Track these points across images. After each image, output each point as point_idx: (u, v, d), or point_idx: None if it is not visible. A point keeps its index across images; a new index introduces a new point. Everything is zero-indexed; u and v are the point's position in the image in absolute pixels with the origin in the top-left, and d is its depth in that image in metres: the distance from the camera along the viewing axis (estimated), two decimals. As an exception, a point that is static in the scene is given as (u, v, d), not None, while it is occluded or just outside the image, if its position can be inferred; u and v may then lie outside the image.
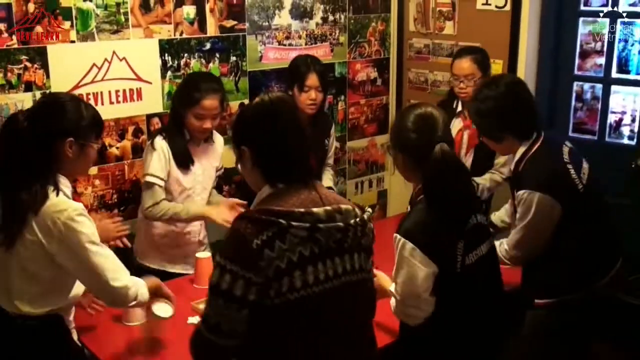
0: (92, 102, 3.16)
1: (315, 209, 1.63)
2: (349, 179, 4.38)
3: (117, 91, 3.24)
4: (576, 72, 3.62)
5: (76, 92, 3.11)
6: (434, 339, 2.08)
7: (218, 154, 3.14)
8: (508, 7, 3.64)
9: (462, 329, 2.08)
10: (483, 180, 3.25)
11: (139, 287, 2.14)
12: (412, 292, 2.03)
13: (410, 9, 4.19)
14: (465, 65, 3.24)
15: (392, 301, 2.15)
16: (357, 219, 1.69)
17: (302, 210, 1.62)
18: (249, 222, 1.60)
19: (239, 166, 1.85)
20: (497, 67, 3.73)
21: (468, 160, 3.33)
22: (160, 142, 2.91)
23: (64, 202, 2.02)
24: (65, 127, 2.06)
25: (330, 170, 3.64)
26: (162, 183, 2.90)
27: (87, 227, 2.03)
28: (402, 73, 4.34)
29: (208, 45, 3.54)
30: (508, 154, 2.61)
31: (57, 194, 2.02)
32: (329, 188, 3.15)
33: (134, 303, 2.13)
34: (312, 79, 3.30)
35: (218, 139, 3.15)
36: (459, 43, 3.93)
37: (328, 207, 1.66)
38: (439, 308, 2.05)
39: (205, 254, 2.82)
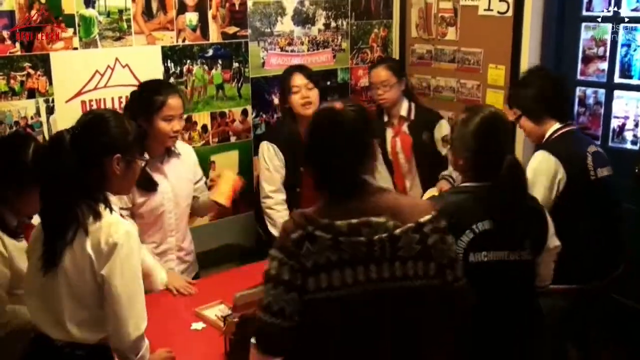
0: (94, 108, 3.17)
1: (338, 222, 1.68)
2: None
3: (120, 98, 3.24)
4: (579, 77, 3.62)
5: (79, 98, 3.13)
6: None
7: (189, 166, 3.01)
8: (510, 13, 3.64)
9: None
10: (451, 170, 3.40)
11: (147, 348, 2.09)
12: None
13: (412, 14, 4.20)
14: (382, 72, 3.53)
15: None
16: (385, 235, 1.69)
17: (326, 221, 1.69)
18: (292, 219, 1.74)
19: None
20: (499, 72, 3.73)
21: (411, 165, 3.60)
22: None
23: (119, 221, 1.99)
24: (113, 143, 2.01)
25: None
26: (126, 212, 2.75)
27: (136, 255, 2.01)
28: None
29: (210, 52, 3.54)
30: (537, 139, 2.85)
31: (111, 212, 2.00)
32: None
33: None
34: (298, 78, 3.28)
35: (185, 149, 3.02)
36: (461, 49, 3.93)
37: (353, 221, 1.69)
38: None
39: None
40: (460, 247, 2.06)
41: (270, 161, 3.31)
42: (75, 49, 3.09)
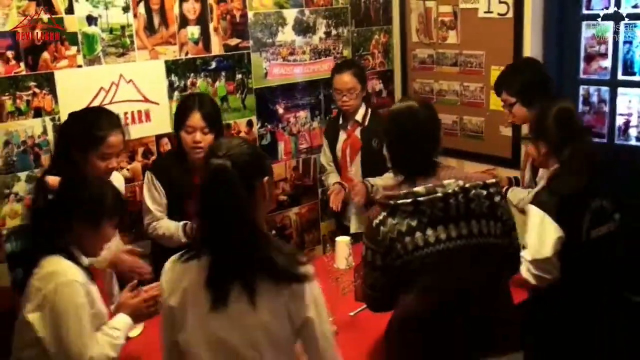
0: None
1: (415, 188, 2.03)
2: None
3: (125, 113, 3.25)
4: (582, 75, 3.62)
5: (85, 116, 3.14)
6: (559, 301, 2.48)
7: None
8: (510, 14, 3.65)
9: (585, 296, 2.48)
10: (377, 180, 3.51)
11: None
12: (541, 256, 2.41)
13: (412, 20, 4.20)
14: (347, 79, 3.52)
15: (523, 264, 2.44)
16: (457, 188, 2.02)
17: (405, 191, 2.03)
18: (375, 207, 2.09)
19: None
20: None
21: (356, 168, 3.64)
22: None
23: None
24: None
25: None
26: None
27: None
28: (407, 84, 4.34)
29: (213, 64, 3.56)
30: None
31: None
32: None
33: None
34: (195, 118, 2.94)
35: (117, 178, 2.89)
36: (463, 52, 3.94)
37: (429, 185, 2.03)
38: (564, 273, 2.42)
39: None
40: (584, 226, 2.44)
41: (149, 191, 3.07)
42: (80, 66, 3.10)
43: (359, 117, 3.61)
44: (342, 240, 3.07)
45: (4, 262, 2.95)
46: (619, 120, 3.53)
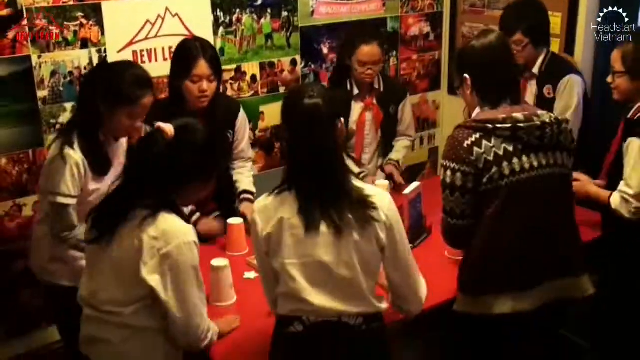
0: (146, 58, 3.19)
1: (514, 114, 2.08)
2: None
3: (170, 47, 3.23)
4: (640, 24, 3.47)
5: (130, 48, 3.15)
6: None
7: (124, 149, 2.59)
8: (569, -42, 3.49)
9: None
10: (397, 155, 3.46)
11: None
12: None
13: (465, -40, 4.06)
14: (376, 51, 3.27)
15: (617, 198, 2.55)
16: (552, 118, 2.12)
17: (504, 116, 2.08)
18: (462, 129, 2.11)
19: (459, 91, 2.28)
20: (555, 20, 3.59)
21: (375, 138, 3.47)
22: (73, 155, 2.35)
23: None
24: None
25: (245, 166, 3.12)
26: (75, 202, 2.41)
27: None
28: (456, 27, 4.23)
29: (260, 1, 3.51)
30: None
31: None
32: (245, 192, 3.02)
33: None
34: (202, 66, 2.77)
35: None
36: (516, -5, 3.80)
37: (526, 112, 2.09)
38: None
39: (236, 220, 2.73)
40: None
41: None
42: (127, -2, 3.10)
43: (376, 84, 3.39)
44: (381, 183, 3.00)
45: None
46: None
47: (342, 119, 1.98)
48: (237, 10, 3.44)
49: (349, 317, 1.89)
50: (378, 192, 1.95)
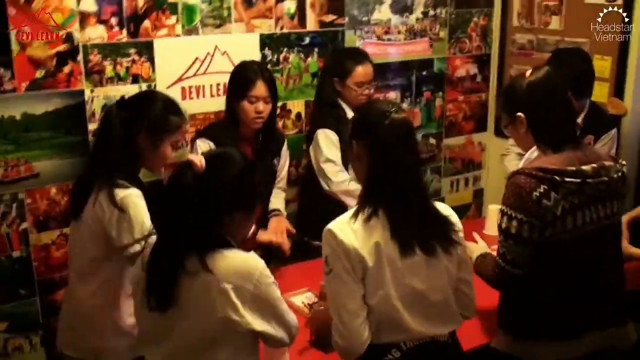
0: (194, 94, 3.27)
1: (584, 167, 2.02)
2: (445, 177, 4.30)
3: (217, 84, 3.32)
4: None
5: (179, 84, 3.23)
6: None
7: None
8: (620, 1, 3.46)
9: None
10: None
11: None
12: None
13: (514, 3, 4.06)
14: (370, 70, 3.23)
15: None
16: (619, 173, 2.08)
17: (573, 168, 2.01)
18: (527, 177, 2.01)
19: (507, 130, 2.21)
20: (605, 63, 3.56)
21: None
22: (134, 192, 2.26)
23: None
24: None
25: (281, 193, 3.23)
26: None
27: None
28: (504, 69, 4.21)
29: (307, 40, 3.56)
30: None
31: None
32: (276, 210, 3.07)
33: None
34: (260, 87, 2.90)
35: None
36: (565, 39, 3.77)
37: (594, 165, 2.04)
38: None
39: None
40: None
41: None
42: (178, 36, 3.18)
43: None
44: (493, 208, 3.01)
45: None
46: None
47: None
48: (285, 49, 3.50)
49: (441, 336, 1.95)
50: (450, 211, 2.03)
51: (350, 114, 3.21)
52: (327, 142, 3.16)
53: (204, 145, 2.90)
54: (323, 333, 2.16)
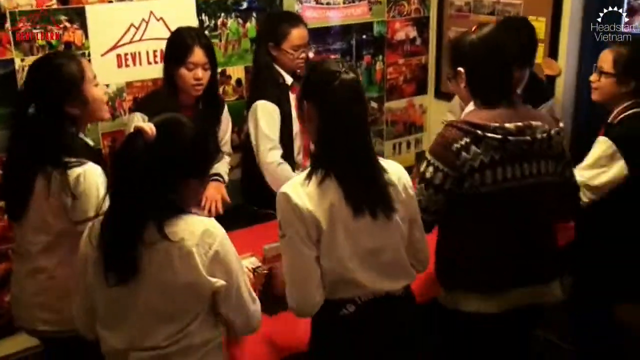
0: (130, 62, 3.20)
1: (507, 124, 2.05)
2: (387, 140, 4.34)
3: (154, 51, 3.26)
4: (622, 29, 3.49)
5: (115, 52, 3.16)
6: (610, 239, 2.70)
7: None
8: (552, -38, 3.52)
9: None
10: None
11: None
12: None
13: (451, -35, 4.09)
14: (305, 33, 3.20)
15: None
16: (544, 134, 2.10)
17: (496, 124, 2.05)
18: (453, 129, 2.08)
19: (451, 84, 2.28)
20: (539, 24, 3.61)
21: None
22: None
23: None
24: None
25: (224, 158, 3.19)
26: None
27: None
28: (442, 32, 4.25)
29: (245, 5, 3.52)
30: None
31: None
32: (216, 175, 3.04)
33: None
34: (198, 54, 2.85)
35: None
36: (501, 0, 3.82)
37: (519, 123, 2.06)
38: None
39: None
40: None
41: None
42: (111, 1, 3.10)
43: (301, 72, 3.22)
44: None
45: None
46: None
47: None
48: (222, 14, 3.45)
49: (395, 291, 2.00)
50: (400, 168, 2.03)
51: (288, 79, 3.21)
52: (266, 115, 3.11)
53: (140, 121, 2.82)
54: (271, 295, 2.20)
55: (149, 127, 1.72)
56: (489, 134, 2.04)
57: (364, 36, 4.03)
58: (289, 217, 1.87)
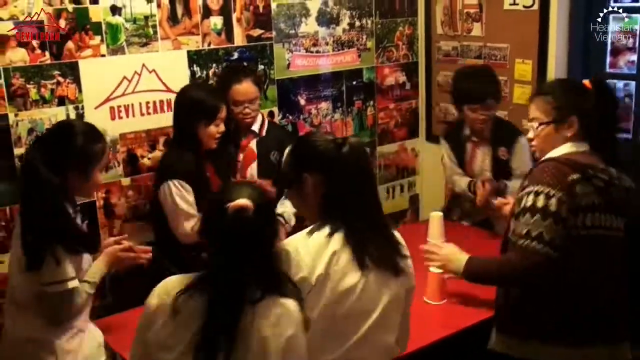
0: (123, 114, 3.23)
1: (610, 168, 2.07)
2: (380, 184, 4.36)
3: (147, 103, 3.29)
4: (608, 69, 3.56)
5: (108, 104, 3.19)
6: None
7: None
8: (536, 7, 3.59)
9: None
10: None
11: None
12: None
13: (437, 12, 4.17)
14: (251, 89, 3.20)
15: None
16: (631, 185, 2.11)
17: (602, 166, 2.06)
18: (560, 164, 2.04)
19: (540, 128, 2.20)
20: (526, 67, 3.69)
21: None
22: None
23: None
24: None
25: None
26: None
27: None
28: (431, 76, 4.31)
29: (236, 55, 3.57)
30: None
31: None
32: (279, 215, 3.05)
33: None
34: (224, 111, 3.00)
35: None
36: (487, 44, 3.90)
37: (616, 171, 2.08)
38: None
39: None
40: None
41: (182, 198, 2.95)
42: (103, 56, 3.14)
43: (255, 127, 3.31)
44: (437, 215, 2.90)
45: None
46: (646, 116, 3.47)
47: None
48: (213, 65, 3.50)
49: None
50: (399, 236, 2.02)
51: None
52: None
53: (179, 187, 2.92)
54: None
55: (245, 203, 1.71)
56: (599, 175, 2.04)
57: (354, 82, 4.09)
58: None
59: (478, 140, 3.34)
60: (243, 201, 1.70)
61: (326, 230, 1.87)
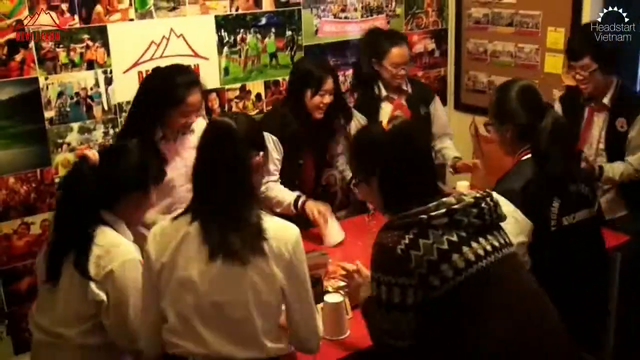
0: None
1: (444, 199, 1.78)
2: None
3: (175, 67, 3.30)
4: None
5: (136, 69, 3.21)
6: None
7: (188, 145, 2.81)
8: (570, -28, 3.51)
9: (560, 287, 2.06)
10: (456, 151, 3.54)
11: None
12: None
13: (468, -23, 4.10)
14: (406, 52, 3.45)
15: None
16: (489, 198, 1.83)
17: (435, 203, 1.76)
18: (388, 231, 1.77)
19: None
20: (558, 35, 3.62)
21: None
22: None
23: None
24: None
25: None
26: None
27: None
28: (461, 44, 4.25)
29: (264, 20, 3.56)
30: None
31: None
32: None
33: None
34: (330, 82, 3.11)
35: (200, 125, 2.76)
36: (519, 11, 3.82)
37: (455, 195, 1.82)
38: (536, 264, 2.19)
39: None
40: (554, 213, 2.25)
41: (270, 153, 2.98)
42: (132, 20, 3.15)
43: (404, 86, 3.52)
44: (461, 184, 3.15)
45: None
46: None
47: (263, 154, 2.09)
48: (241, 30, 3.49)
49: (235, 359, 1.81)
50: (286, 226, 1.86)
51: (384, 93, 3.51)
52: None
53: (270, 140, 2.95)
54: None
55: (92, 154, 2.13)
56: (433, 213, 1.77)
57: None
58: None
59: (597, 106, 3.13)
60: (89, 152, 2.11)
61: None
